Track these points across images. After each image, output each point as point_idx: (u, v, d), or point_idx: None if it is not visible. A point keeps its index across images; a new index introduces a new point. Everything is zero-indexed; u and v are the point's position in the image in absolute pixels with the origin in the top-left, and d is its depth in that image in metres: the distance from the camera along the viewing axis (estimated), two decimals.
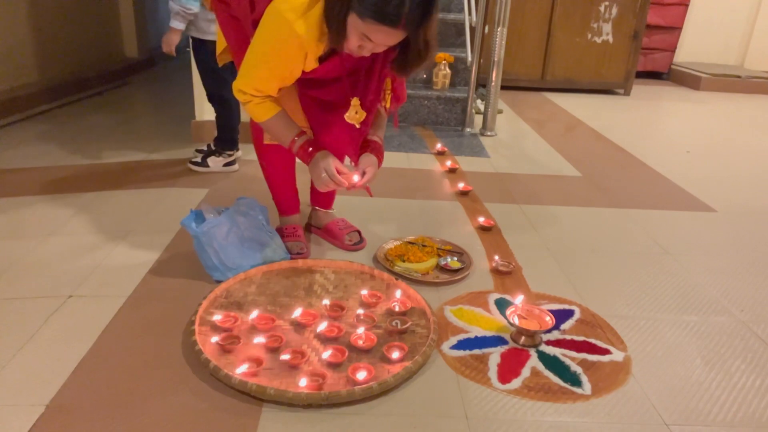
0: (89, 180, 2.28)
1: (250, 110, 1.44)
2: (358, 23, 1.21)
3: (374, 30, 1.20)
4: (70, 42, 3.70)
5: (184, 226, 1.52)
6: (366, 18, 1.19)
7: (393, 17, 1.17)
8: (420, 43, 1.27)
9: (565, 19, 4.45)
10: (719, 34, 5.44)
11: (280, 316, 1.38)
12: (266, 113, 1.44)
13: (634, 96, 4.66)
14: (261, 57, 1.35)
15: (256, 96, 1.41)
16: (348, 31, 1.24)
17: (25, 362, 1.21)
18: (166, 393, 1.14)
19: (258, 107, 1.43)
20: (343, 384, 1.16)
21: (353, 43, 1.26)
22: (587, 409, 1.15)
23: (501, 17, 3.06)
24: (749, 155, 3.13)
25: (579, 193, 2.41)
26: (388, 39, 1.24)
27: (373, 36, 1.22)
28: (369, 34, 1.21)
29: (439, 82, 3.45)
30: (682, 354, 1.35)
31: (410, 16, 1.18)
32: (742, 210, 2.29)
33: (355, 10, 1.20)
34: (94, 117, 3.29)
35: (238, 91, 1.41)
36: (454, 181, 2.41)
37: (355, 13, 1.20)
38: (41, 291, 1.48)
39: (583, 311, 1.50)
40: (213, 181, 2.31)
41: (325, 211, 1.86)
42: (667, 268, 1.77)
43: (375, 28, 1.19)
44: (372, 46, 1.26)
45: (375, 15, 1.17)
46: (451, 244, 1.80)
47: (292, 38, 1.28)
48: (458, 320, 1.43)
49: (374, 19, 1.18)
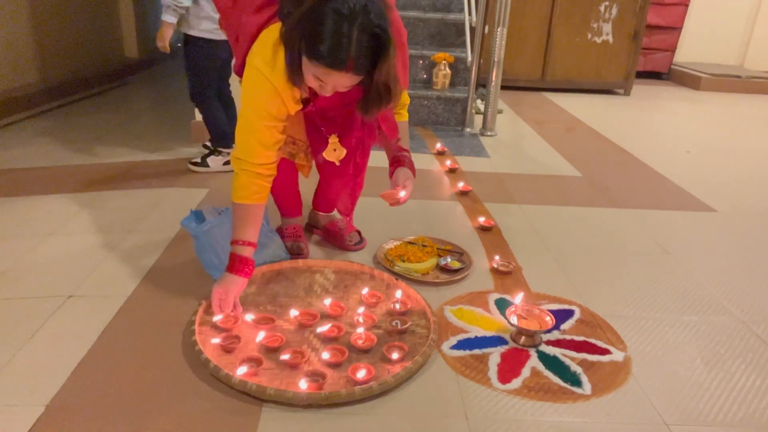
0: (89, 180, 2.28)
1: (233, 183, 1.38)
2: (309, 66, 1.20)
3: (325, 73, 1.19)
4: (70, 42, 3.70)
5: (184, 226, 1.52)
6: (314, 61, 1.18)
7: (338, 62, 1.15)
8: (378, 86, 1.25)
9: (565, 19, 4.45)
10: (719, 34, 5.44)
11: (280, 316, 1.38)
12: (239, 196, 1.37)
13: (634, 96, 4.66)
14: (246, 115, 1.34)
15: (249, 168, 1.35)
16: (304, 72, 1.23)
17: (25, 362, 1.21)
18: (166, 393, 1.14)
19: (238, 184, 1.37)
20: (343, 384, 1.16)
21: (312, 83, 1.25)
22: (587, 409, 1.15)
23: (501, 17, 3.06)
24: (749, 155, 3.13)
25: (579, 193, 2.41)
26: (340, 81, 1.21)
27: (324, 78, 1.21)
28: (320, 76, 1.20)
29: (439, 82, 3.45)
30: (682, 354, 1.35)
31: (358, 61, 1.16)
32: (742, 210, 2.29)
33: (305, 54, 1.19)
34: (94, 117, 3.29)
35: (233, 158, 1.38)
36: (454, 181, 2.41)
37: (306, 57, 1.20)
38: (41, 291, 1.48)
39: (583, 311, 1.50)
40: (213, 181, 2.31)
41: (325, 213, 1.86)
42: (667, 268, 1.77)
43: (325, 71, 1.18)
44: (331, 87, 1.24)
45: (321, 59, 1.16)
46: (451, 244, 1.80)
47: (265, 85, 1.29)
48: (458, 320, 1.43)
49: (321, 63, 1.17)
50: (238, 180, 1.37)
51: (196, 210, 1.58)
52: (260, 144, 1.35)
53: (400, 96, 1.39)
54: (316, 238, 1.85)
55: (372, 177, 2.37)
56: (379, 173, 2.37)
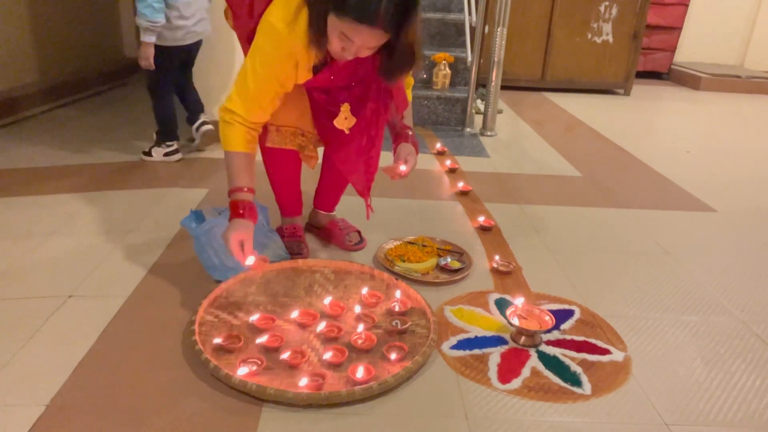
0: (89, 180, 2.28)
1: (222, 134, 1.38)
2: (337, 23, 1.20)
3: (353, 30, 1.19)
4: (70, 42, 3.70)
5: (184, 226, 1.52)
6: (344, 17, 1.18)
7: (370, 15, 1.15)
8: (403, 46, 1.26)
9: (565, 19, 4.45)
10: (719, 34, 5.44)
11: (280, 316, 1.38)
12: (233, 145, 1.36)
13: (634, 96, 4.66)
14: (252, 72, 1.33)
15: (239, 119, 1.35)
16: (329, 32, 1.23)
17: (25, 362, 1.21)
18: (166, 393, 1.14)
19: (231, 134, 1.36)
20: (343, 384, 1.16)
21: (335, 45, 1.25)
22: (587, 409, 1.15)
23: (501, 17, 3.06)
24: (749, 155, 3.13)
25: (579, 193, 2.41)
26: (368, 39, 1.21)
27: (352, 36, 1.20)
28: (348, 34, 1.20)
29: (439, 82, 3.45)
30: (682, 354, 1.35)
31: (388, 15, 1.16)
32: (742, 210, 2.29)
33: (334, 11, 1.19)
34: (94, 117, 3.29)
35: (224, 108, 1.36)
36: (454, 181, 2.41)
37: (334, 14, 1.19)
38: (41, 291, 1.48)
39: (583, 311, 1.50)
40: (213, 181, 2.31)
41: (326, 212, 1.86)
42: (667, 268, 1.77)
43: (354, 27, 1.18)
44: (355, 48, 1.24)
45: (352, 14, 1.16)
46: (451, 244, 1.80)
47: (282, 46, 1.29)
48: (458, 320, 1.43)
49: (352, 18, 1.17)
50: (231, 129, 1.36)
51: (196, 210, 1.58)
52: (259, 106, 1.35)
53: (421, 62, 1.40)
54: (316, 238, 1.85)
55: None
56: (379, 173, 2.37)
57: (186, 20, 2.31)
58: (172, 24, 2.28)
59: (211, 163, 2.52)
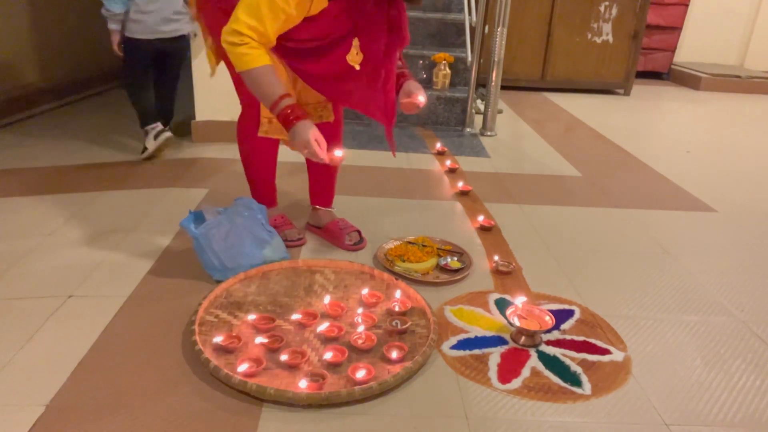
0: (89, 180, 2.28)
1: (239, 55, 1.34)
2: None
3: None
4: (70, 42, 3.70)
5: (184, 227, 1.52)
6: None
7: None
8: None
9: (565, 19, 4.45)
10: (719, 34, 5.44)
11: (280, 316, 1.38)
12: (256, 60, 1.34)
13: (634, 96, 4.66)
14: None
15: (251, 39, 1.34)
16: None
17: (25, 362, 1.21)
18: (167, 393, 1.14)
19: (250, 52, 1.34)
20: (343, 384, 1.16)
21: None
22: (587, 409, 1.15)
23: (501, 17, 3.06)
24: (749, 155, 3.13)
25: (579, 193, 2.41)
26: None
27: None
28: None
29: (439, 82, 3.45)
30: (682, 354, 1.35)
31: None
32: (743, 210, 2.29)
33: None
34: (94, 117, 3.29)
35: (232, 31, 1.33)
36: (454, 181, 2.41)
37: None
38: (41, 291, 1.48)
39: (583, 311, 1.50)
40: (213, 181, 2.31)
41: (325, 210, 1.86)
42: (667, 268, 1.77)
43: None
44: None
45: None
46: (451, 244, 1.80)
47: None
48: (458, 320, 1.43)
49: None
50: (248, 47, 1.34)
51: (195, 211, 1.58)
52: (272, 30, 1.35)
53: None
54: (316, 238, 1.85)
55: (373, 177, 2.37)
56: (379, 173, 2.37)
57: (145, 15, 2.37)
58: (131, 17, 2.36)
59: (211, 163, 2.52)
